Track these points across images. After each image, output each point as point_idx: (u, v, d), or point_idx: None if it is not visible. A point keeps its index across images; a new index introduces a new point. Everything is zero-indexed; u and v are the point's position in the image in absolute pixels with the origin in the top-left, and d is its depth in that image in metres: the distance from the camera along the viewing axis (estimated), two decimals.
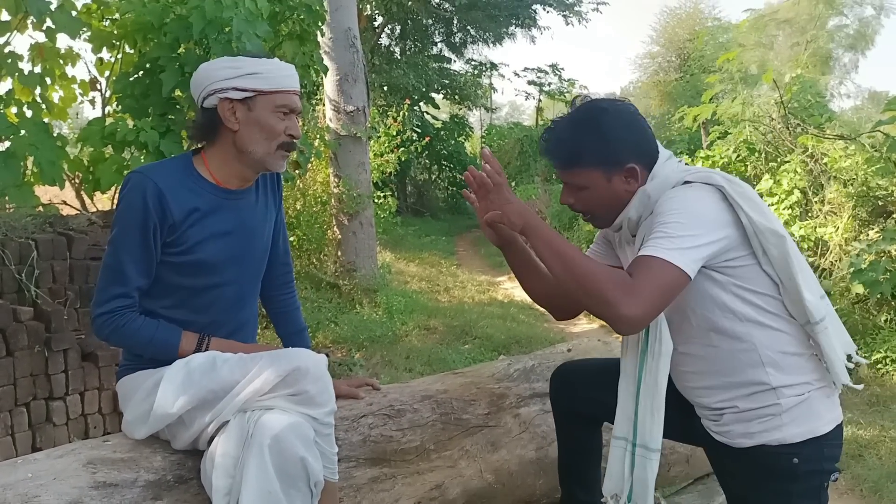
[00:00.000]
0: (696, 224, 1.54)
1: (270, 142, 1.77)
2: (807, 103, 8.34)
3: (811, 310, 1.59)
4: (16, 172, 3.34)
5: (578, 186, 1.71)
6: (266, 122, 1.76)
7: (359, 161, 7.74)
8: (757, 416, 1.63)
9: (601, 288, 1.48)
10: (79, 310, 3.44)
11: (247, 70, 1.74)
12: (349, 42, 7.48)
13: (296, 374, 1.61)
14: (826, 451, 1.63)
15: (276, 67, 1.78)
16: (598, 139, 1.66)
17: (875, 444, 4.44)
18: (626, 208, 1.71)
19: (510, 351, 6.17)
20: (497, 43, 19.56)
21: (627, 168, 1.68)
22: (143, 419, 1.69)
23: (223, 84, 1.73)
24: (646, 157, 1.70)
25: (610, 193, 1.70)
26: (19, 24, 3.78)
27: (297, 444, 1.56)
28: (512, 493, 2.24)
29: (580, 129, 1.69)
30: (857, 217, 6.82)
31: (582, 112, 1.72)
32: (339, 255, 7.80)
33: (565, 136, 1.71)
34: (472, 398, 2.28)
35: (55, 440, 3.19)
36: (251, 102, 1.75)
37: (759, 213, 1.59)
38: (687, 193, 1.61)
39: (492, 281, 10.68)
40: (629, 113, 1.72)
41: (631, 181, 1.69)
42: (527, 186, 14.49)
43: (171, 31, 3.66)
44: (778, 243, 1.59)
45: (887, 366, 5.68)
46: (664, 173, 1.68)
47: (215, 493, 1.56)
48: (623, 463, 1.73)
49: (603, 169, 1.68)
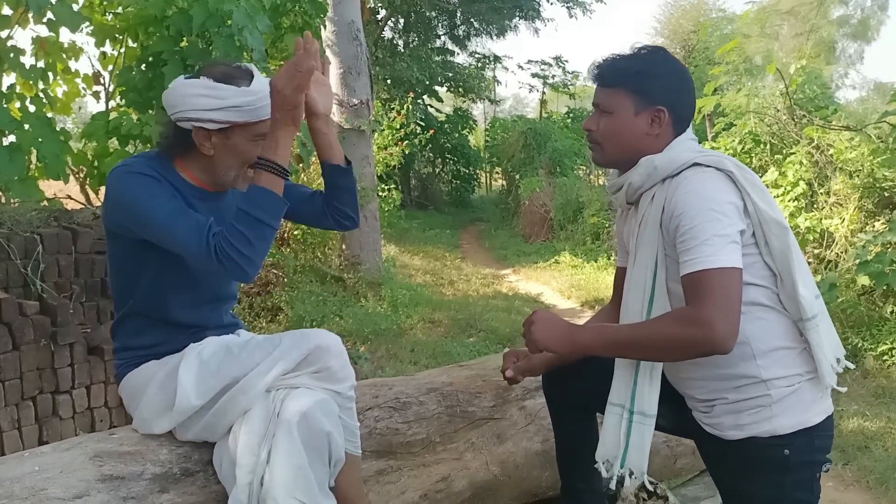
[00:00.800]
0: (720, 216, 1.53)
1: (243, 166, 1.73)
2: (812, 94, 8.30)
3: (805, 306, 1.59)
4: (21, 166, 3.34)
5: (607, 110, 1.71)
6: (243, 151, 1.71)
7: (363, 154, 7.72)
8: (747, 407, 1.62)
9: (675, 338, 1.50)
10: (84, 304, 3.45)
11: (227, 103, 1.64)
12: (352, 35, 7.46)
13: (317, 351, 1.66)
14: (817, 441, 1.62)
15: (258, 98, 1.66)
16: (643, 69, 1.68)
17: (881, 436, 4.43)
18: (630, 172, 1.71)
19: (515, 343, 6.17)
20: (501, 35, 19.53)
21: (657, 108, 1.67)
22: (161, 412, 1.68)
23: (200, 115, 1.65)
24: (678, 110, 1.69)
25: (631, 127, 1.69)
26: (20, 19, 3.78)
27: (324, 421, 1.61)
28: (518, 485, 2.24)
29: (631, 56, 1.72)
30: (862, 208, 6.79)
31: (642, 46, 1.74)
32: (343, 249, 7.80)
33: (616, 59, 1.73)
34: (477, 391, 2.28)
35: (62, 434, 3.20)
36: (229, 132, 1.68)
37: (765, 202, 1.59)
38: (701, 182, 1.58)
39: (496, 274, 10.67)
40: (682, 68, 1.73)
41: (655, 124, 1.68)
42: (531, 179, 14.45)
43: (174, 24, 3.65)
44: (781, 235, 1.58)
45: (893, 357, 5.66)
46: (677, 150, 1.67)
47: (239, 469, 1.57)
48: (619, 430, 1.71)
49: (636, 99, 1.67)
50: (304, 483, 1.56)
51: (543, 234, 13.33)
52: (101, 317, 3.52)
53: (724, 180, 1.59)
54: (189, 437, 1.71)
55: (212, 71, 1.70)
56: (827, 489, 3.88)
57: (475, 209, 20.05)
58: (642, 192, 1.71)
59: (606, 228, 11.36)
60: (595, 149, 1.78)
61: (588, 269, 10.39)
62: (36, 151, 3.45)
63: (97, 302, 3.50)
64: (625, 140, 1.70)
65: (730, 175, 1.59)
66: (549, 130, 16.41)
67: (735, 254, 1.51)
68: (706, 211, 1.53)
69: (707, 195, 1.56)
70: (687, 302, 1.54)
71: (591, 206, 11.85)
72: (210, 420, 1.66)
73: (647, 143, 1.69)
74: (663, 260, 1.64)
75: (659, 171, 1.65)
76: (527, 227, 14.13)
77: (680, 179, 1.61)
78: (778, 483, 1.62)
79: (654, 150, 1.68)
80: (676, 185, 1.60)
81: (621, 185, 1.76)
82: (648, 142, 1.69)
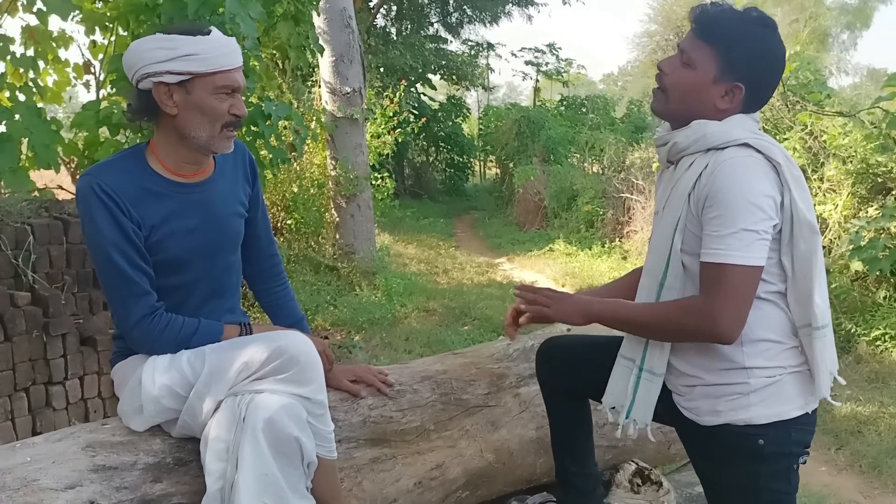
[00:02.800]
0: (756, 209, 1.49)
1: (214, 124, 1.67)
2: (806, 80, 8.29)
3: (817, 313, 1.57)
4: (13, 157, 3.31)
5: (689, 62, 1.63)
6: (207, 105, 1.65)
7: (356, 143, 7.70)
8: (725, 393, 1.61)
9: (682, 325, 1.57)
10: (76, 294, 3.43)
11: (181, 51, 1.60)
12: (344, 23, 7.42)
13: (278, 351, 1.60)
14: (794, 435, 1.61)
15: (215, 45, 1.63)
16: (742, 38, 1.59)
17: (874, 421, 4.46)
18: (679, 131, 1.65)
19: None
20: (494, 22, 19.45)
21: (735, 84, 1.60)
22: (136, 411, 1.68)
23: (156, 67, 1.60)
24: (756, 92, 1.63)
25: (703, 90, 1.62)
26: (9, 7, 3.74)
27: (291, 425, 1.56)
28: (512, 472, 2.25)
29: (742, 19, 1.62)
30: (856, 194, 6.80)
31: (758, 15, 1.64)
32: (337, 238, 7.79)
33: (725, 13, 1.63)
34: (471, 378, 2.28)
35: (55, 424, 3.19)
36: (189, 86, 1.63)
37: (804, 201, 1.55)
38: (745, 168, 1.53)
39: (490, 262, 10.67)
40: (780, 52, 1.64)
41: (727, 98, 1.61)
42: (525, 167, 14.43)
43: (165, 12, 3.61)
44: (810, 238, 1.55)
45: (886, 342, 5.69)
46: (732, 123, 1.61)
47: (209, 476, 1.56)
48: (627, 382, 1.74)
49: (721, 65, 1.60)
50: (274, 489, 1.53)
51: (537, 223, 13.32)
52: (94, 307, 3.50)
53: (769, 171, 1.54)
54: (175, 435, 1.70)
55: (167, 29, 1.68)
56: (820, 473, 3.90)
57: (469, 198, 20.02)
58: (684, 155, 1.65)
59: (600, 216, 11.37)
60: (659, 96, 1.69)
61: (582, 256, 10.40)
62: (26, 141, 3.42)
63: (89, 292, 3.48)
64: (693, 100, 1.63)
65: (776, 167, 1.54)
66: (542, 118, 16.38)
67: (761, 251, 1.50)
68: (743, 201, 1.49)
69: (748, 184, 1.51)
70: (701, 288, 1.55)
71: (585, 194, 11.84)
72: (185, 420, 1.65)
73: (710, 110, 1.62)
74: (682, 229, 1.61)
75: (707, 139, 1.59)
76: (521, 216, 14.12)
77: (724, 157, 1.55)
78: (753, 472, 1.62)
79: (715, 119, 1.62)
80: (719, 162, 1.55)
81: (667, 141, 1.70)
82: (712, 110, 1.62)
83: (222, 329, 1.74)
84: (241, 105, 1.71)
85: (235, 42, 1.70)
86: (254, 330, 1.77)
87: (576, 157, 14.87)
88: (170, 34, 1.64)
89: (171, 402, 1.65)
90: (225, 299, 1.86)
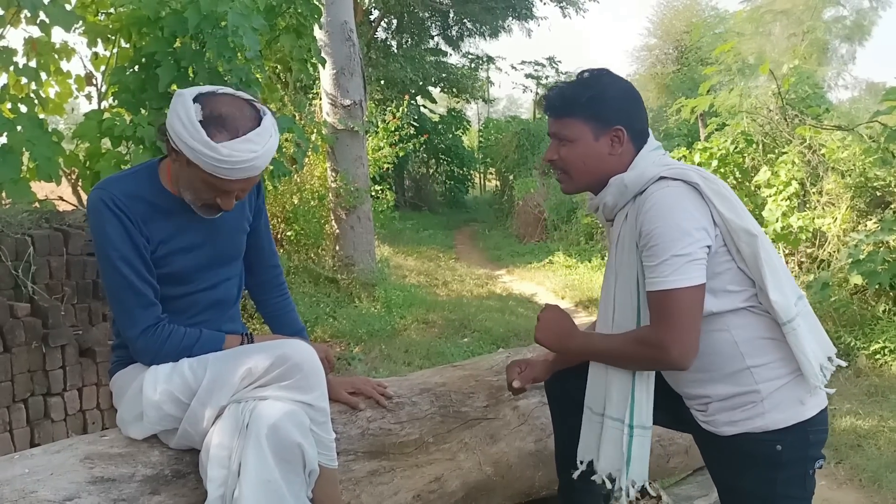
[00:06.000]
0: (681, 234, 1.57)
1: (196, 198, 1.67)
2: (804, 94, 8.33)
3: (778, 311, 1.61)
4: (15, 168, 3.32)
5: (566, 139, 1.75)
6: (194, 185, 1.64)
7: (356, 155, 7.72)
8: (740, 404, 1.65)
9: (637, 356, 1.66)
10: (76, 305, 3.43)
11: (191, 145, 1.55)
12: (345, 36, 7.46)
13: (281, 358, 1.61)
14: (811, 436, 1.65)
15: (223, 160, 1.56)
16: (593, 94, 1.72)
17: (874, 434, 4.45)
18: (603, 192, 1.76)
19: (509, 344, 6.17)
20: (493, 36, 19.55)
21: (615, 129, 1.71)
22: (136, 418, 1.68)
23: (174, 136, 1.58)
24: (635, 126, 1.74)
25: (594, 152, 1.73)
26: (13, 19, 3.76)
27: (294, 431, 1.57)
28: (511, 485, 2.24)
29: (579, 84, 1.76)
30: (855, 208, 6.81)
31: (586, 72, 1.79)
32: (337, 250, 7.80)
33: (565, 88, 1.78)
34: (470, 391, 2.28)
35: (53, 436, 3.18)
36: (188, 161, 1.60)
37: (732, 211, 1.62)
38: (665, 198, 1.62)
39: (490, 274, 10.68)
40: (628, 85, 1.78)
41: (616, 144, 1.73)
42: (525, 180, 14.47)
43: (167, 25, 3.64)
44: (749, 242, 1.61)
45: (885, 356, 5.68)
46: (643, 165, 1.71)
47: (210, 483, 1.56)
48: (621, 444, 1.74)
49: (592, 124, 1.72)
50: (276, 496, 1.54)
51: (537, 235, 13.34)
52: (93, 318, 3.50)
53: (689, 193, 1.62)
54: (174, 446, 1.70)
55: (208, 102, 1.59)
56: (820, 488, 3.88)
57: (469, 210, 20.06)
58: (616, 211, 1.76)
59: (600, 229, 11.37)
60: (563, 178, 1.82)
61: (582, 269, 10.41)
62: (28, 153, 3.44)
63: (89, 304, 3.48)
64: (591, 165, 1.75)
65: (695, 187, 1.62)
66: (542, 131, 16.41)
67: (695, 272, 1.57)
68: (669, 229, 1.58)
69: (670, 212, 1.60)
70: (651, 320, 1.63)
71: (585, 207, 11.83)
72: (185, 428, 1.65)
73: (612, 164, 1.74)
74: (643, 280, 1.66)
75: (629, 189, 1.70)
76: (521, 228, 14.15)
77: (647, 195, 1.65)
78: (770, 479, 1.64)
79: (620, 169, 1.73)
80: (644, 202, 1.64)
81: (598, 205, 1.81)
82: (613, 162, 1.74)
83: (224, 339, 1.75)
84: (230, 203, 1.67)
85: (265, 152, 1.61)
86: (255, 340, 1.78)
87: None
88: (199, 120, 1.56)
89: (173, 409, 1.65)
90: (226, 310, 1.88)
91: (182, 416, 1.65)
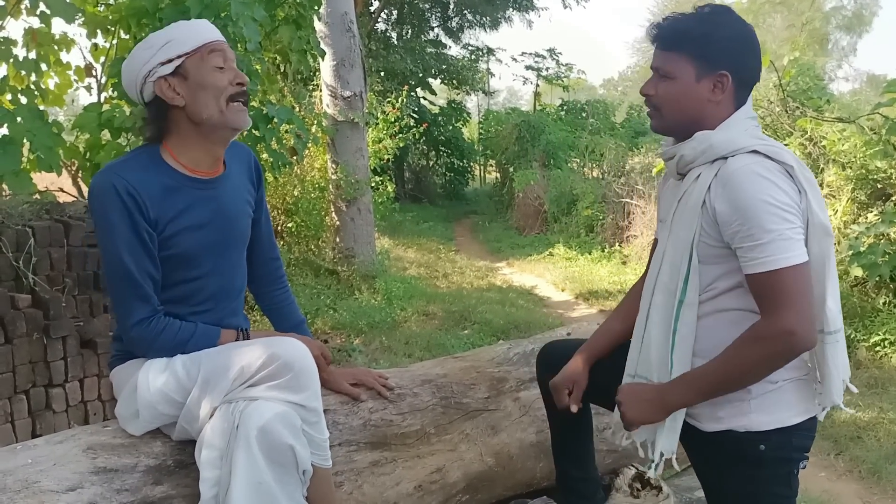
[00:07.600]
0: (782, 212, 1.48)
1: (219, 99, 1.69)
2: (805, 86, 8.31)
3: (830, 318, 1.56)
4: (16, 159, 3.32)
5: (667, 74, 1.64)
6: (206, 81, 1.68)
7: (356, 147, 7.71)
8: (726, 400, 1.60)
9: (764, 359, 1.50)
10: (77, 297, 3.43)
11: (160, 42, 1.68)
12: (346, 27, 7.44)
13: (272, 357, 1.60)
14: (795, 441, 1.61)
15: (188, 27, 1.73)
16: (706, 32, 1.60)
17: (873, 426, 4.46)
18: (684, 144, 1.65)
19: (509, 336, 6.18)
20: (494, 27, 19.50)
21: (720, 74, 1.60)
22: (133, 416, 1.68)
23: (148, 67, 1.67)
24: (742, 74, 1.62)
25: (693, 94, 1.62)
26: (13, 10, 3.75)
27: (284, 433, 1.56)
28: (512, 476, 2.25)
29: (695, 18, 1.64)
30: (855, 200, 6.81)
31: (706, 6, 1.67)
32: (337, 242, 7.80)
33: (679, 21, 1.66)
34: (472, 382, 2.28)
35: (55, 427, 3.19)
36: (183, 70, 1.68)
37: (819, 204, 1.54)
38: (759, 176, 1.51)
39: (490, 266, 10.68)
40: (747, 29, 1.65)
41: (717, 90, 1.61)
42: (525, 172, 14.44)
43: (167, 16, 3.61)
44: (824, 241, 1.53)
45: (885, 348, 5.69)
46: (736, 130, 1.61)
47: (203, 483, 1.56)
48: None
49: (697, 64, 1.60)
50: (268, 497, 1.53)
51: (537, 227, 13.34)
52: (94, 310, 3.50)
53: (782, 175, 1.52)
54: (175, 438, 1.70)
55: None
56: (820, 479, 3.90)
57: (469, 202, 20.03)
58: (692, 168, 1.65)
59: (600, 221, 11.38)
60: (654, 115, 1.70)
61: (582, 261, 10.41)
62: (28, 144, 3.43)
63: (90, 295, 3.48)
64: (686, 106, 1.63)
65: (789, 170, 1.53)
66: (543, 123, 16.40)
67: (802, 248, 1.48)
68: (767, 207, 1.48)
69: (766, 190, 1.49)
70: (759, 305, 1.52)
71: (585, 199, 11.86)
72: (182, 426, 1.66)
73: (708, 110, 1.62)
74: (697, 243, 1.59)
75: (714, 149, 1.59)
76: (521, 220, 14.13)
77: (735, 166, 1.54)
78: (753, 477, 1.62)
79: (715, 117, 1.62)
80: (731, 172, 1.54)
81: (673, 154, 1.69)
82: (710, 108, 1.62)
83: (219, 334, 1.75)
84: (240, 74, 1.73)
85: (207, 22, 1.78)
86: (251, 336, 1.78)
87: (576, 161, 14.90)
88: (146, 38, 1.73)
89: (167, 409, 1.65)
90: (230, 301, 1.87)
91: (177, 413, 1.65)
